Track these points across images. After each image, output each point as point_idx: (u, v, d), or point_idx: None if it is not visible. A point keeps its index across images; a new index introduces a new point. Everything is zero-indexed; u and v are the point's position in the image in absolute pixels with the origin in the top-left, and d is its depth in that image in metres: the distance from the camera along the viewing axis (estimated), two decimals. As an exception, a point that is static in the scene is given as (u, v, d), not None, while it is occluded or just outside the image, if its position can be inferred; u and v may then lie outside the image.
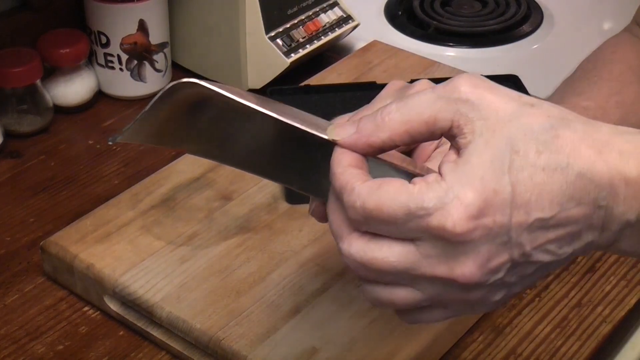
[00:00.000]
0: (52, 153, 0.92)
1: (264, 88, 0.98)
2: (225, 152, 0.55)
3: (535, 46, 1.14)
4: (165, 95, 0.52)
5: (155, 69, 0.99)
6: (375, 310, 0.68)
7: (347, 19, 1.04)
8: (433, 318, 0.51)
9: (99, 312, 0.73)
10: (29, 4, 0.98)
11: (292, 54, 0.98)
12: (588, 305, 0.74)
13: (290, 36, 0.98)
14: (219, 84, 0.51)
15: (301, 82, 0.94)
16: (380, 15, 1.19)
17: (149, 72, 0.98)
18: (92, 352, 0.70)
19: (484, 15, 1.18)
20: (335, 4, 1.03)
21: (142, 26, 0.96)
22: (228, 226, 0.75)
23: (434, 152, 0.57)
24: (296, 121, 0.50)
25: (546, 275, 0.51)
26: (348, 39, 1.07)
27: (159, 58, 0.98)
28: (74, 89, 0.96)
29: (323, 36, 1.01)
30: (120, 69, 0.97)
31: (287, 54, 0.97)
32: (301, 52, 0.99)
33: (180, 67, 1.04)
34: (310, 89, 0.91)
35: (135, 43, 0.96)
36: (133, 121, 0.54)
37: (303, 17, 1.00)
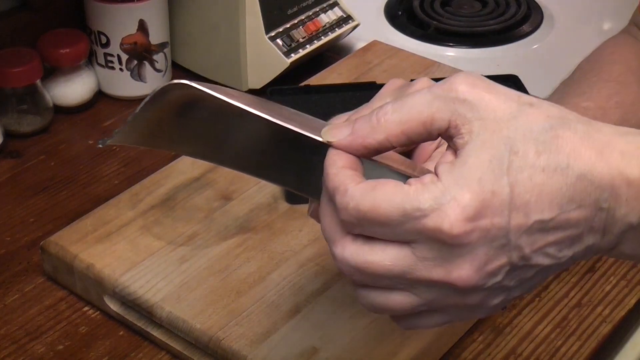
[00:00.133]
0: (52, 153, 0.92)
1: (264, 88, 0.98)
2: (218, 154, 0.54)
3: (535, 46, 1.14)
4: (156, 97, 0.51)
5: (155, 69, 0.98)
6: (375, 310, 0.68)
7: (347, 19, 1.04)
8: (430, 323, 0.50)
9: (99, 312, 0.73)
10: (29, 4, 0.98)
11: (292, 54, 0.98)
12: (588, 305, 0.74)
13: (290, 36, 0.98)
14: (211, 85, 0.50)
15: (301, 82, 0.94)
16: (380, 15, 1.19)
17: (149, 72, 0.98)
18: (92, 352, 0.70)
19: (484, 15, 1.18)
20: (335, 4, 1.03)
21: (142, 26, 0.96)
22: (228, 226, 0.75)
23: (434, 153, 0.55)
24: (290, 123, 0.49)
25: (545, 279, 0.49)
26: (348, 39, 1.07)
27: (159, 58, 0.98)
28: (74, 89, 0.96)
29: (323, 36, 1.01)
30: (120, 69, 0.97)
31: (287, 54, 0.97)
32: (301, 52, 0.98)
33: (180, 67, 1.04)
34: (310, 89, 0.91)
35: (135, 43, 0.96)
36: (123, 123, 0.52)
37: (303, 17, 1.00)
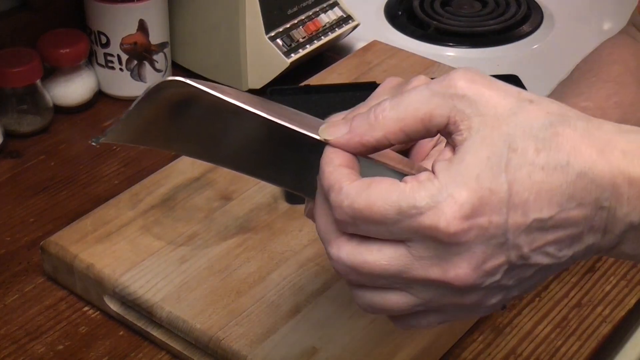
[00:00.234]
0: (52, 153, 0.92)
1: (264, 88, 0.98)
2: (214, 152, 0.54)
3: (535, 46, 1.14)
4: (151, 94, 0.50)
5: (155, 69, 0.98)
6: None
7: (347, 19, 1.03)
8: (428, 323, 0.49)
9: (99, 312, 0.73)
10: (29, 4, 0.98)
11: (292, 54, 0.98)
12: (588, 305, 0.74)
13: (290, 36, 0.98)
14: (207, 82, 0.49)
15: (301, 82, 0.94)
16: (380, 15, 1.19)
17: (149, 72, 0.98)
18: (92, 352, 0.70)
19: (484, 15, 1.18)
20: (335, 4, 1.03)
21: (142, 26, 0.96)
22: (228, 226, 0.75)
23: (431, 151, 0.55)
24: (287, 121, 0.49)
25: (545, 279, 0.49)
26: (348, 39, 1.07)
27: (159, 58, 0.98)
28: (74, 89, 0.96)
29: (323, 36, 1.01)
30: (120, 69, 0.97)
31: (287, 54, 0.97)
32: (301, 52, 0.98)
33: (180, 67, 1.04)
34: (310, 89, 0.91)
35: (135, 43, 0.96)
36: (117, 121, 0.51)
37: (303, 17, 1.00)
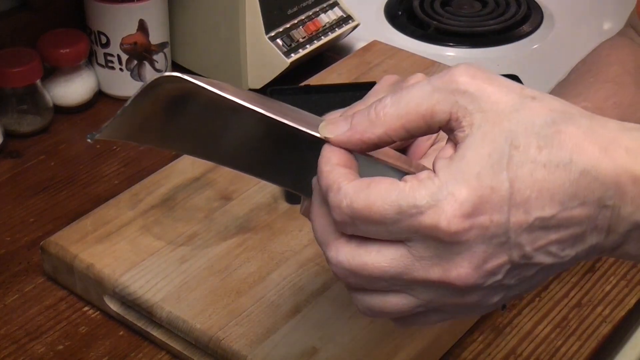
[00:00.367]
0: (52, 153, 0.92)
1: (264, 88, 0.98)
2: (211, 150, 0.53)
3: (535, 46, 1.14)
4: (147, 90, 0.49)
5: (155, 69, 0.98)
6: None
7: (347, 19, 1.03)
8: (428, 322, 0.49)
9: (99, 312, 0.73)
10: (29, 4, 0.98)
11: (292, 54, 0.98)
12: (588, 305, 0.74)
13: (290, 36, 0.98)
14: (205, 78, 0.48)
15: (301, 82, 0.94)
16: (380, 15, 1.19)
17: (149, 72, 0.98)
18: (92, 352, 0.70)
19: (484, 15, 1.18)
20: (335, 4, 1.03)
21: (142, 26, 0.96)
22: (228, 226, 0.75)
23: (429, 149, 0.54)
24: (286, 118, 0.48)
25: (547, 279, 0.49)
26: (348, 39, 1.07)
27: (159, 58, 0.98)
28: (74, 89, 0.96)
29: (323, 36, 1.01)
30: (120, 69, 0.97)
31: (287, 54, 0.97)
32: (301, 52, 0.98)
33: (180, 67, 1.03)
34: (310, 89, 0.91)
35: (135, 43, 0.96)
36: (113, 117, 0.50)
37: (303, 17, 1.00)
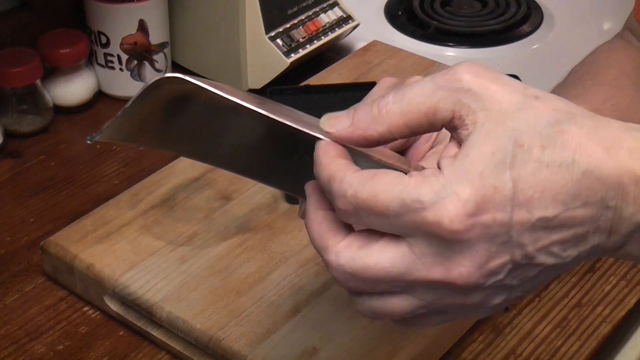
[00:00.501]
0: (52, 153, 0.92)
1: (264, 88, 0.98)
2: (210, 152, 0.53)
3: (535, 46, 1.14)
4: (148, 91, 0.48)
5: (155, 69, 0.98)
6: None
7: (347, 19, 1.03)
8: (429, 324, 0.49)
9: (99, 312, 0.73)
10: (29, 4, 0.98)
11: (292, 54, 0.98)
12: (588, 305, 0.74)
13: (290, 36, 0.98)
14: (205, 79, 0.48)
15: (301, 82, 0.94)
16: (380, 15, 1.19)
17: (149, 72, 0.98)
18: (92, 352, 0.70)
19: (484, 15, 1.18)
20: (335, 4, 1.03)
21: (142, 26, 0.96)
22: (228, 226, 0.75)
23: (428, 152, 0.54)
24: (286, 119, 0.48)
25: (549, 280, 0.49)
26: (348, 39, 1.07)
27: (159, 58, 0.98)
28: (74, 89, 0.96)
29: (323, 36, 1.01)
30: (120, 69, 0.97)
31: (287, 54, 0.97)
32: (301, 52, 0.98)
33: (180, 67, 1.03)
34: (310, 89, 0.91)
35: (135, 43, 0.96)
36: (113, 118, 0.50)
37: (303, 17, 1.00)
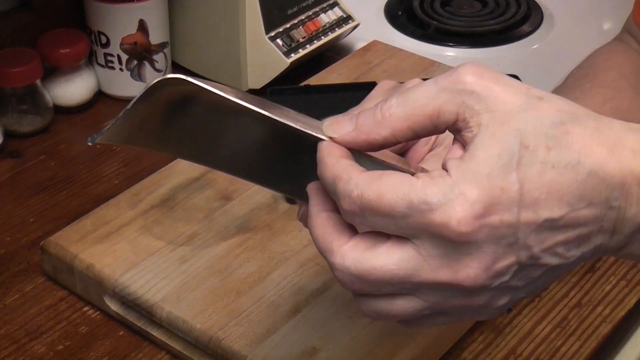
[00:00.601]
0: (52, 153, 0.92)
1: (264, 88, 0.98)
2: (210, 154, 0.53)
3: (535, 46, 1.14)
4: (149, 93, 0.48)
5: (155, 69, 0.98)
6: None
7: (347, 19, 1.03)
8: (434, 324, 0.49)
9: (99, 312, 0.73)
10: (29, 4, 0.98)
11: (292, 54, 0.98)
12: (588, 305, 0.74)
13: (290, 36, 0.98)
14: (206, 80, 0.48)
15: (301, 82, 0.94)
16: (380, 15, 1.19)
17: (149, 72, 0.98)
18: (92, 352, 0.70)
19: (484, 15, 1.18)
20: (335, 4, 1.03)
21: (142, 26, 0.96)
22: (228, 226, 0.75)
23: (427, 155, 0.54)
24: (288, 120, 0.48)
25: (552, 280, 0.49)
26: (348, 39, 1.07)
27: (159, 58, 0.98)
28: (74, 89, 0.96)
29: (323, 36, 1.01)
30: (120, 69, 0.97)
31: (287, 54, 0.97)
32: (301, 52, 0.98)
33: (180, 67, 1.04)
34: (310, 89, 0.91)
35: (135, 43, 0.96)
36: (113, 120, 0.50)
37: (303, 17, 1.00)
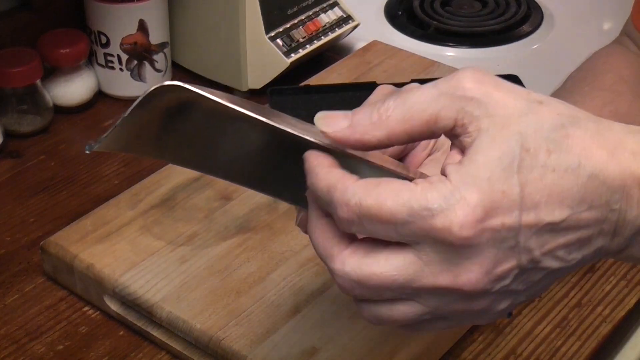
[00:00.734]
0: (52, 153, 0.92)
1: (264, 88, 0.98)
2: (208, 161, 0.52)
3: (535, 46, 1.14)
4: (146, 100, 0.48)
5: (155, 69, 0.98)
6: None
7: (347, 19, 1.03)
8: (433, 328, 0.49)
9: (99, 312, 0.73)
10: (29, 4, 0.98)
11: (292, 54, 0.98)
12: (588, 305, 0.74)
13: (290, 36, 0.98)
14: (204, 87, 0.48)
15: (301, 82, 0.94)
16: (380, 15, 1.19)
17: (149, 72, 0.98)
18: (92, 352, 0.70)
19: (484, 15, 1.17)
20: (335, 4, 1.03)
21: (142, 26, 0.96)
22: (228, 226, 0.75)
23: (426, 160, 0.54)
24: (286, 126, 0.48)
25: (552, 283, 0.49)
26: (348, 39, 1.07)
27: (159, 58, 0.98)
28: (74, 89, 0.96)
29: (323, 36, 1.01)
30: (120, 69, 0.97)
31: (287, 54, 0.97)
32: (301, 52, 0.98)
33: (180, 67, 1.04)
34: (310, 89, 0.91)
35: (135, 43, 0.96)
36: (111, 128, 0.50)
37: (303, 17, 1.00)
